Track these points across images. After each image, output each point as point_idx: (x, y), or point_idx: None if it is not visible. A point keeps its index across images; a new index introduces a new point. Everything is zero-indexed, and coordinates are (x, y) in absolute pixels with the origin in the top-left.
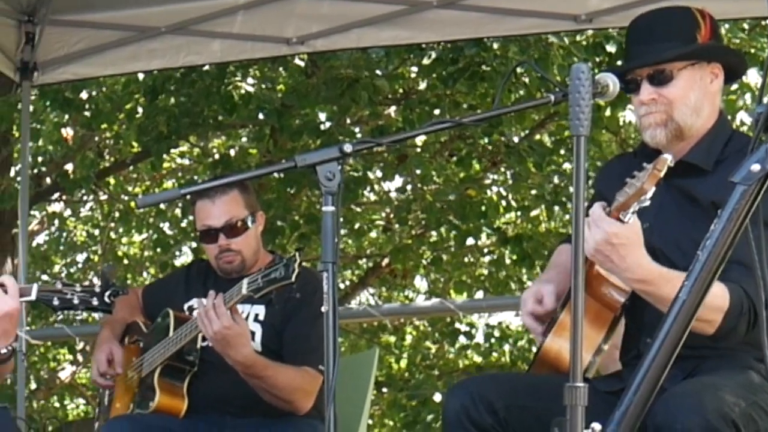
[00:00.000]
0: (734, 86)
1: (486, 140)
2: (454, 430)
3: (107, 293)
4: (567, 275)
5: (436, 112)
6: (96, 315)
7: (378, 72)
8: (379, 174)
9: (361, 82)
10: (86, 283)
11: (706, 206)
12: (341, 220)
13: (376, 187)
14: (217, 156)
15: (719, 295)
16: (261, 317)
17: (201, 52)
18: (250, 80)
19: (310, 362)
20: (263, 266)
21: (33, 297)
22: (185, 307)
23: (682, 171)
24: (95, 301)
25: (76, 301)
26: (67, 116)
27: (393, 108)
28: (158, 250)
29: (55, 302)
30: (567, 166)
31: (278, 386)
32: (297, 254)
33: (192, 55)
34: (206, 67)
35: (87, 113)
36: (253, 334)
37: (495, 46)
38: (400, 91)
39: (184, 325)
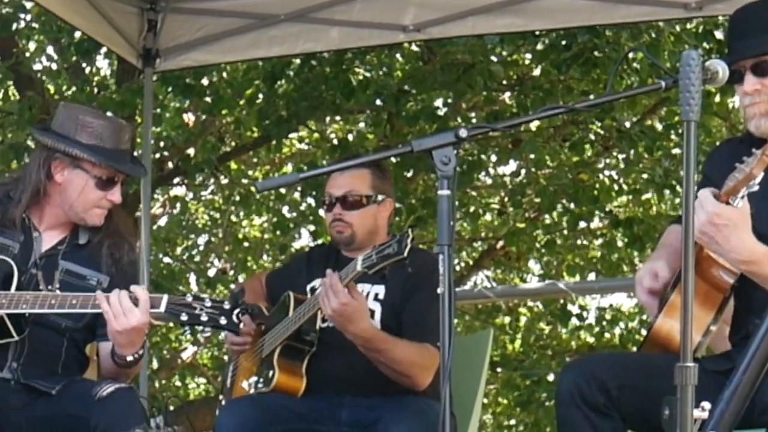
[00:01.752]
0: None
1: (598, 125)
2: (567, 409)
3: (236, 311)
4: (677, 254)
5: (550, 97)
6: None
7: (493, 58)
8: (493, 158)
9: (476, 67)
10: (217, 298)
11: None
12: (456, 203)
13: (491, 171)
14: (335, 141)
15: None
16: (381, 296)
17: (319, 40)
18: (367, 66)
19: (429, 340)
20: None
21: (162, 309)
22: (307, 288)
23: None
24: (223, 320)
25: (204, 318)
26: (188, 102)
27: (507, 93)
28: (278, 233)
29: (183, 317)
30: (677, 150)
31: (397, 359)
32: (409, 230)
33: (310, 42)
34: (324, 54)
35: (208, 99)
36: (372, 312)
37: (607, 32)
38: (515, 77)
39: (302, 305)
